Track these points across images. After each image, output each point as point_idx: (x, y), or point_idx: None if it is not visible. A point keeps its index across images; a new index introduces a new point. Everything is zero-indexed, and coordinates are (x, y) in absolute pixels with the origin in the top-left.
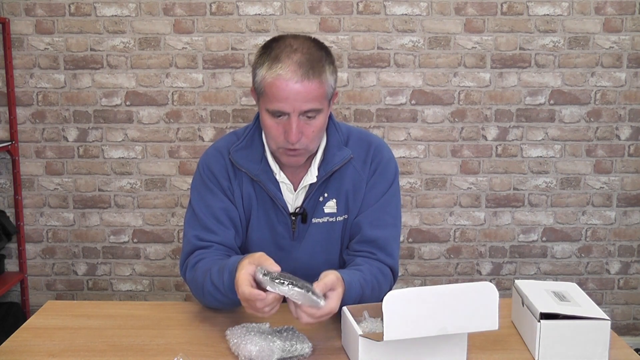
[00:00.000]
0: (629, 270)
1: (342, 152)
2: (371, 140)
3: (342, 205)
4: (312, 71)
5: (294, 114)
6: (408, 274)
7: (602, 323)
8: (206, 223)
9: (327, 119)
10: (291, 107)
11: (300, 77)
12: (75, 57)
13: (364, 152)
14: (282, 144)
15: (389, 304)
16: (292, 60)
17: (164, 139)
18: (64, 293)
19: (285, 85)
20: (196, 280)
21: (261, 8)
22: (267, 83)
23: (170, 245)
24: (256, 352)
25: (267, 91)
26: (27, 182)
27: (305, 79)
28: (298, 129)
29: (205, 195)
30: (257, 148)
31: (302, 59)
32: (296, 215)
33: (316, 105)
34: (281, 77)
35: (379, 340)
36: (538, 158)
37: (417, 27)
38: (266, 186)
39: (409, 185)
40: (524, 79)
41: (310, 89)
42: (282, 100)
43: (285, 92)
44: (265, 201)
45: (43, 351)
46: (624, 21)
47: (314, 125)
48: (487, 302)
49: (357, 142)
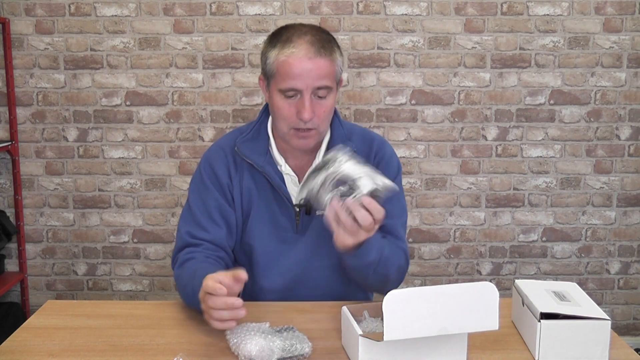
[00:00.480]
0: (629, 270)
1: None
2: (374, 137)
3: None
4: (324, 49)
5: (306, 91)
6: (408, 274)
7: (602, 323)
8: (199, 219)
9: (335, 101)
10: (304, 84)
11: (313, 54)
12: (75, 57)
13: (367, 148)
14: (294, 123)
15: (389, 303)
16: (304, 40)
17: (164, 139)
18: (64, 293)
19: (299, 62)
20: (181, 280)
21: (261, 8)
22: (279, 62)
23: (170, 245)
24: (256, 352)
25: (280, 70)
26: (27, 182)
27: (318, 56)
28: (311, 106)
29: (202, 192)
30: (262, 140)
31: (314, 39)
32: (300, 207)
33: (328, 82)
34: (294, 55)
35: (379, 340)
36: (538, 158)
37: (417, 27)
38: (271, 177)
39: (409, 185)
40: (524, 79)
41: (323, 65)
42: (295, 78)
43: (298, 68)
44: (267, 194)
45: (43, 351)
46: (624, 21)
47: (325, 105)
48: (487, 302)
49: (360, 139)
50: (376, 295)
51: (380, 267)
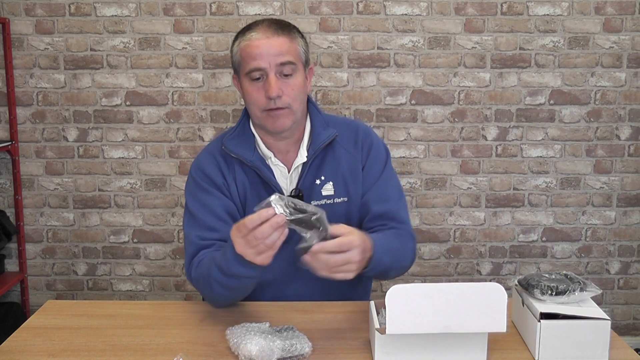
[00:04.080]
0: (629, 270)
1: (326, 131)
2: (357, 124)
3: (340, 188)
4: (282, 30)
5: (270, 69)
6: (408, 274)
7: (602, 323)
8: (206, 222)
9: (305, 82)
10: (266, 62)
11: (271, 33)
12: (75, 57)
13: (353, 135)
14: (264, 104)
15: (393, 297)
16: (262, 24)
17: (164, 139)
18: (64, 293)
19: (258, 42)
20: (202, 274)
21: (261, 8)
22: (242, 48)
23: (170, 245)
24: (256, 352)
25: (243, 55)
26: (27, 182)
27: (275, 35)
28: (277, 84)
29: (201, 197)
30: (248, 137)
31: (271, 22)
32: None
33: (290, 57)
34: (253, 38)
35: (382, 334)
36: (538, 158)
37: (417, 27)
38: (261, 171)
39: (409, 185)
40: (523, 79)
41: (282, 42)
42: (256, 58)
43: (258, 48)
44: (259, 188)
45: (43, 351)
46: (624, 21)
47: (292, 84)
48: (494, 303)
49: (343, 126)
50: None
51: (395, 263)
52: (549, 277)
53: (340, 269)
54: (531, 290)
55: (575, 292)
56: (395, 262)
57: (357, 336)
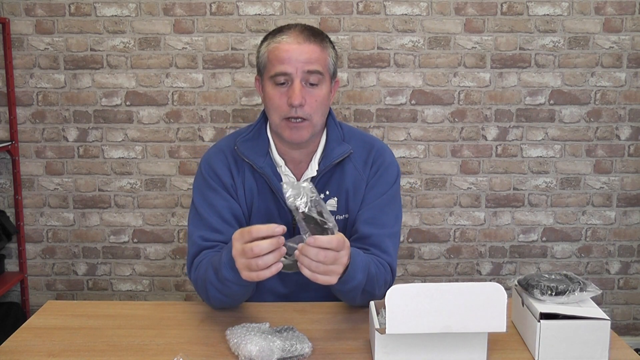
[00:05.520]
0: (629, 270)
1: (341, 147)
2: (374, 142)
3: (343, 205)
4: (314, 37)
5: (296, 75)
6: (408, 274)
7: (602, 323)
8: (211, 222)
9: (329, 95)
10: (294, 68)
11: (302, 39)
12: (75, 57)
13: (366, 153)
14: (286, 112)
15: (393, 297)
16: (294, 29)
17: (164, 139)
18: (64, 293)
19: (288, 46)
20: (200, 275)
21: (261, 8)
22: (270, 50)
23: (170, 245)
24: (256, 352)
25: (270, 57)
26: (27, 182)
27: (307, 42)
28: (301, 92)
29: (208, 195)
30: (262, 142)
31: (304, 28)
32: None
33: (318, 67)
34: (283, 41)
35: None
36: (538, 158)
37: (417, 27)
38: (270, 179)
39: (409, 185)
40: (523, 79)
41: (313, 49)
42: (284, 62)
43: (288, 52)
44: (266, 195)
45: (43, 351)
46: (624, 21)
47: (317, 95)
48: (494, 303)
49: (359, 142)
50: None
51: (367, 286)
52: (549, 277)
53: (327, 268)
54: (531, 290)
55: (575, 292)
56: (368, 284)
57: (357, 336)
